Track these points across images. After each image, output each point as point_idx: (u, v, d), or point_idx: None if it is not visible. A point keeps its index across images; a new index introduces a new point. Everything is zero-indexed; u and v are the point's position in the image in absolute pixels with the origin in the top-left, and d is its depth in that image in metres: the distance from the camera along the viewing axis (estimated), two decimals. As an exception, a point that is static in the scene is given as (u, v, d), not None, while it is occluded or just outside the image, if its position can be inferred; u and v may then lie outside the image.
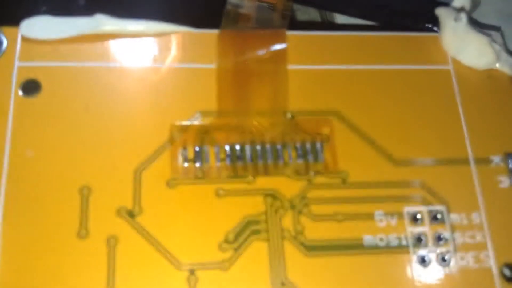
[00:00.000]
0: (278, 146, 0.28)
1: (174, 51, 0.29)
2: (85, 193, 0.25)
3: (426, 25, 0.33)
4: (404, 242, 0.27)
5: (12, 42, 0.28)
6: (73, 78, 0.28)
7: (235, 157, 0.27)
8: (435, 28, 0.32)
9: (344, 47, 0.30)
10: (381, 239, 0.26)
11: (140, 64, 0.28)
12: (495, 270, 0.27)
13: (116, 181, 0.26)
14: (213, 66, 0.29)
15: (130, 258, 0.25)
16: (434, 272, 0.26)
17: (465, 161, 0.29)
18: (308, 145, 0.28)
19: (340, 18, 0.34)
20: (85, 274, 0.24)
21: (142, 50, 0.29)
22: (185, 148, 0.27)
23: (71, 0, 0.33)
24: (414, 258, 0.26)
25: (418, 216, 0.27)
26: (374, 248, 0.26)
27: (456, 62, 0.31)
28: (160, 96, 0.28)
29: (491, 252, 0.27)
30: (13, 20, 0.28)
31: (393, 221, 0.27)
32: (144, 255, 0.25)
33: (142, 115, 0.27)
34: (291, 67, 0.29)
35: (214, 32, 0.29)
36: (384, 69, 0.30)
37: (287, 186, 0.27)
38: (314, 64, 0.30)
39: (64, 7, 0.32)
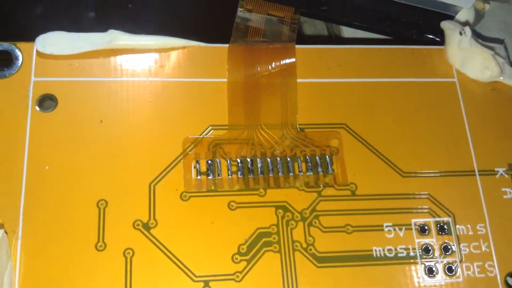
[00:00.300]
0: (288, 159, 0.28)
1: (185, 65, 0.29)
2: (102, 207, 0.26)
3: (429, 36, 0.33)
4: (412, 253, 0.27)
5: (28, 58, 0.28)
6: (88, 92, 0.28)
7: (246, 170, 0.28)
8: (437, 39, 0.33)
9: (351, 61, 0.31)
10: (389, 250, 0.27)
11: (153, 78, 0.29)
12: (500, 280, 0.27)
13: (131, 194, 0.27)
14: (224, 80, 0.29)
15: (146, 269, 0.26)
16: (441, 282, 0.27)
17: (471, 173, 0.29)
18: (317, 158, 0.28)
19: (347, 32, 0.35)
20: (103, 285, 0.25)
21: (154, 64, 0.29)
22: (197, 161, 0.28)
23: (82, 13, 0.34)
24: (422, 269, 0.27)
25: (426, 227, 0.28)
26: (383, 259, 0.27)
27: (461, 75, 0.31)
28: (173, 110, 0.28)
29: (496, 262, 0.28)
30: (28, 35, 0.29)
31: (401, 233, 0.28)
32: (160, 267, 0.26)
33: (155, 129, 0.28)
34: (299, 80, 0.30)
35: (225, 46, 0.30)
36: (390, 81, 0.31)
37: (297, 198, 0.28)
38: (321, 78, 0.30)
39: (75, 20, 0.33)
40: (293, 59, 0.30)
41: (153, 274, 0.25)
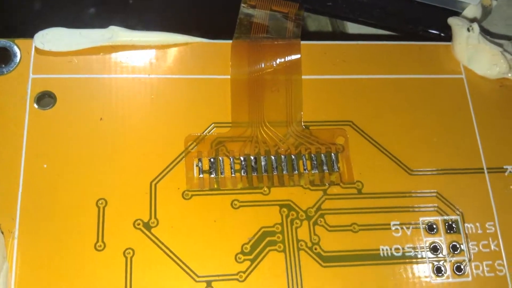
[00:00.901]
0: (293, 157, 0.28)
1: (188, 62, 0.29)
2: (101, 206, 0.25)
3: (435, 31, 0.33)
4: (420, 252, 0.27)
5: (26, 54, 0.28)
6: (88, 90, 0.28)
7: (250, 168, 0.27)
8: (442, 34, 0.32)
9: (357, 57, 0.30)
10: (397, 250, 0.27)
11: (154, 75, 0.28)
12: (509, 279, 0.27)
13: (131, 193, 0.26)
14: (227, 76, 0.29)
15: (147, 270, 0.25)
16: (450, 282, 0.26)
17: (479, 171, 0.29)
18: (322, 156, 0.28)
19: (352, 28, 0.34)
20: (102, 287, 0.24)
21: (156, 61, 0.29)
22: (200, 159, 0.27)
23: (82, 9, 0.34)
24: (430, 268, 0.26)
25: (434, 226, 0.27)
26: (390, 259, 0.26)
27: (468, 71, 0.31)
28: (175, 107, 0.28)
29: (505, 261, 0.27)
30: (27, 32, 0.28)
31: (409, 231, 0.27)
32: (161, 267, 0.25)
33: (157, 127, 0.27)
34: (303, 77, 0.29)
35: (228, 42, 0.29)
36: (397, 78, 0.30)
37: (302, 197, 0.27)
38: (326, 74, 0.30)
39: (75, 16, 0.32)
40: (298, 56, 0.29)
41: (154, 274, 0.25)
